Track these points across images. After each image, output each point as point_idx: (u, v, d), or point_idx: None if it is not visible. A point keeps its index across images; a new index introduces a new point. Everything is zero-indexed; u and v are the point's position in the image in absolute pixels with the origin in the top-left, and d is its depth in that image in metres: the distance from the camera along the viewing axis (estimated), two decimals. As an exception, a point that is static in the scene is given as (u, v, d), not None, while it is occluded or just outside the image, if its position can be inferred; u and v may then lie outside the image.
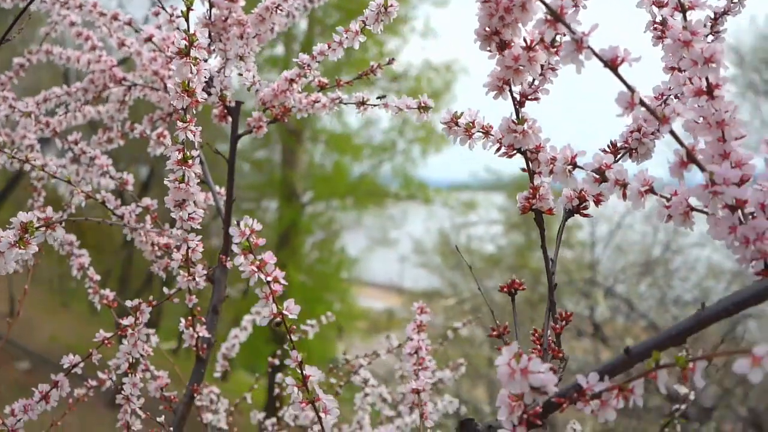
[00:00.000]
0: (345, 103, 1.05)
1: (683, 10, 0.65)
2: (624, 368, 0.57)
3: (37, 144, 1.37)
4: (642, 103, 0.55)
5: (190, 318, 1.05)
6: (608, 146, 0.76)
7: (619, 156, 0.76)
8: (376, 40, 11.64)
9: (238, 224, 0.68)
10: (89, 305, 1.11)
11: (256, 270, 0.69)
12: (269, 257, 0.69)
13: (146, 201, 1.12)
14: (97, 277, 1.17)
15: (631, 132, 0.76)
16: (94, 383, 1.20)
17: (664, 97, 0.77)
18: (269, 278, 0.69)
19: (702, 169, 0.56)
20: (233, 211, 1.15)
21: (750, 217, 0.58)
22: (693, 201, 0.61)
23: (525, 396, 0.56)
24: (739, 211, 0.58)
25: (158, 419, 1.01)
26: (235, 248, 0.69)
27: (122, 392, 0.98)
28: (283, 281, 0.69)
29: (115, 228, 1.14)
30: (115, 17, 1.15)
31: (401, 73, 11.34)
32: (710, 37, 0.79)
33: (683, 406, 1.19)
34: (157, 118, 1.30)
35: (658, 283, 6.61)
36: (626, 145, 0.76)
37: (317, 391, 0.71)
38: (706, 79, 0.59)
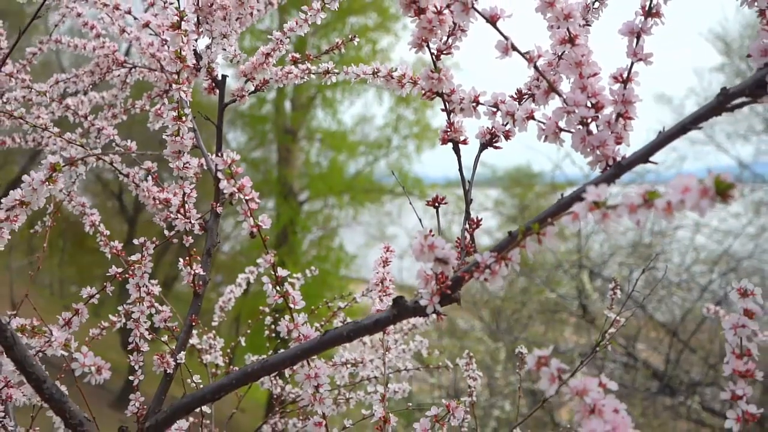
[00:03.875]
0: (313, 73, 1.25)
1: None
2: (509, 244, 0.76)
3: (51, 124, 1.57)
4: (513, 47, 0.75)
5: (187, 258, 1.24)
6: (515, 92, 0.96)
7: (524, 100, 0.95)
8: (368, 39, 11.85)
9: (222, 155, 0.87)
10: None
11: (237, 191, 0.88)
12: (247, 181, 0.89)
13: (147, 164, 1.32)
14: (107, 232, 1.36)
15: (533, 80, 0.95)
16: (105, 324, 1.39)
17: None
18: (248, 197, 0.88)
19: (559, 95, 0.76)
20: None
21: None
22: (562, 124, 0.80)
23: (433, 266, 0.75)
24: (594, 127, 0.78)
25: (163, 339, 1.21)
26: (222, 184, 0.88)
27: (132, 317, 1.18)
28: (258, 200, 0.89)
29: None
30: (116, 7, 1.34)
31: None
32: (597, 3, 0.98)
33: (612, 330, 1.38)
34: (155, 95, 1.49)
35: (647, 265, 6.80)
36: (529, 91, 0.95)
37: (288, 288, 0.91)
38: (568, 30, 0.79)
